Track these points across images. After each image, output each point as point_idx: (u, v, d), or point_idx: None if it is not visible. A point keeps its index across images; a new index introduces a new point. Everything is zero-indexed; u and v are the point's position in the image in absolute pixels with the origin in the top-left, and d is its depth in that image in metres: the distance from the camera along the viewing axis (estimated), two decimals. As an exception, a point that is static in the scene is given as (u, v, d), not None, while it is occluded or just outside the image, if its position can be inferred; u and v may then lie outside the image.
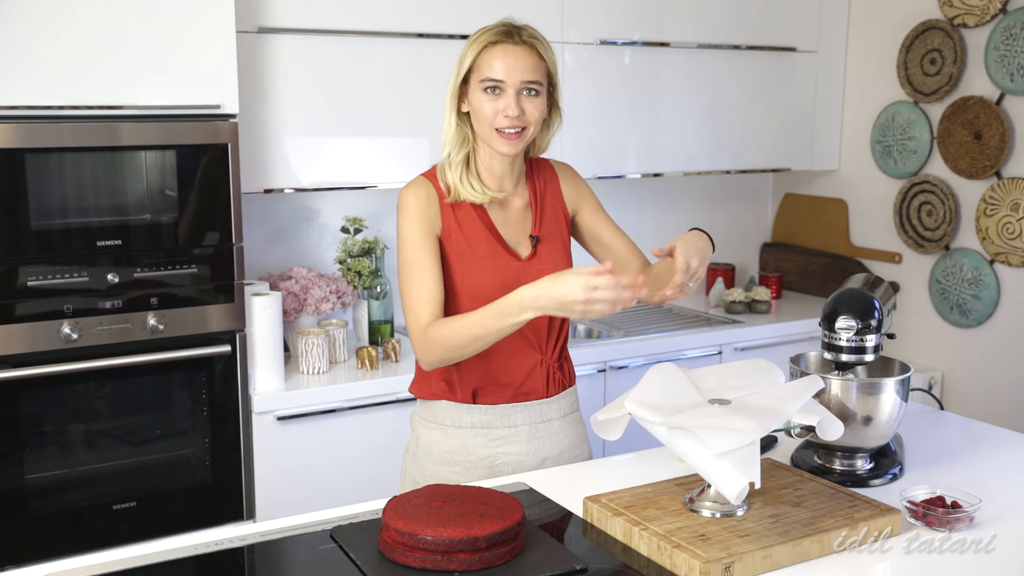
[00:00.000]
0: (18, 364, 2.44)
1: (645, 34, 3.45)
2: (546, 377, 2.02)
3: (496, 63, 1.88)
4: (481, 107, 1.90)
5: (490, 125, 1.90)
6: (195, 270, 2.61)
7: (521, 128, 1.90)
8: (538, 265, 1.98)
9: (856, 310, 1.87)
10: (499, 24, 1.93)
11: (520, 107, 1.88)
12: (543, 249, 2.01)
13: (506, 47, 1.88)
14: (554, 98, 1.99)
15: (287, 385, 2.82)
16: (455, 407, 2.00)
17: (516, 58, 1.87)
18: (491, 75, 1.88)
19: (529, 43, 1.90)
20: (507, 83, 1.87)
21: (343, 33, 2.94)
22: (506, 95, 1.88)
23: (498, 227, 2.00)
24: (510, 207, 2.02)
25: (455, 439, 2.01)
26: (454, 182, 1.95)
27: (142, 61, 2.50)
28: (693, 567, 1.46)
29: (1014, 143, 3.33)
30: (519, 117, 1.89)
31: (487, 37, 1.90)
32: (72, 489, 2.58)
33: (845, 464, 1.89)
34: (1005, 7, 3.30)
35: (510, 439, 2.01)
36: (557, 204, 2.07)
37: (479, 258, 1.96)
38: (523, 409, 2.01)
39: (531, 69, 1.89)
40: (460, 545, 1.45)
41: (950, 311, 3.57)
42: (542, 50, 1.91)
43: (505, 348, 1.96)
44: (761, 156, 3.80)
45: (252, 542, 1.60)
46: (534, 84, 1.89)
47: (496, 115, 1.89)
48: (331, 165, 2.98)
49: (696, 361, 3.39)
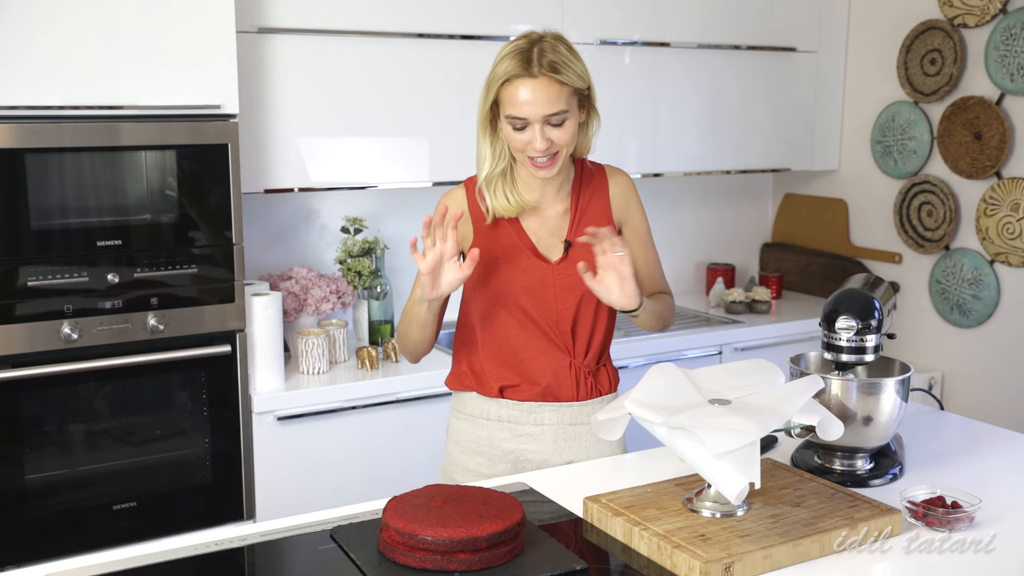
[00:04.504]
0: (18, 364, 2.44)
1: (645, 34, 3.45)
2: (575, 380, 2.04)
3: (517, 100, 1.86)
4: (511, 138, 1.91)
5: (521, 153, 1.92)
6: (195, 270, 2.61)
7: (553, 154, 1.91)
8: (569, 269, 2.00)
9: (856, 310, 1.87)
10: (521, 45, 1.88)
11: (547, 138, 1.88)
12: (577, 254, 2.01)
13: (525, 82, 1.85)
14: (590, 101, 1.97)
15: (287, 385, 2.82)
16: (484, 400, 2.06)
17: (535, 93, 1.85)
18: (513, 112, 1.87)
19: (547, 74, 1.85)
20: (530, 119, 1.87)
21: (343, 33, 2.94)
22: (531, 129, 1.88)
23: (530, 234, 2.02)
24: (546, 213, 2.03)
25: (481, 430, 2.06)
26: (490, 200, 1.98)
27: (142, 61, 2.50)
28: (693, 567, 1.46)
29: (1014, 143, 3.33)
30: (548, 148, 1.89)
31: (506, 68, 1.87)
32: (72, 489, 2.58)
33: (845, 464, 1.89)
34: (1005, 7, 3.30)
35: (536, 436, 2.04)
36: (602, 212, 2.06)
37: (506, 261, 2.00)
38: (551, 409, 2.04)
39: (552, 101, 1.86)
40: (460, 545, 1.45)
41: (950, 311, 3.57)
42: (563, 75, 1.86)
43: (532, 347, 2.02)
44: (761, 156, 3.80)
45: (252, 542, 1.60)
46: (557, 115, 1.87)
47: (526, 146, 1.90)
48: (331, 165, 2.98)
49: (696, 361, 3.39)
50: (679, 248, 4.07)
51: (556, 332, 2.02)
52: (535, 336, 2.02)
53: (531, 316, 2.01)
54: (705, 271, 4.09)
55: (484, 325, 2.05)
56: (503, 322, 2.03)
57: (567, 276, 2.00)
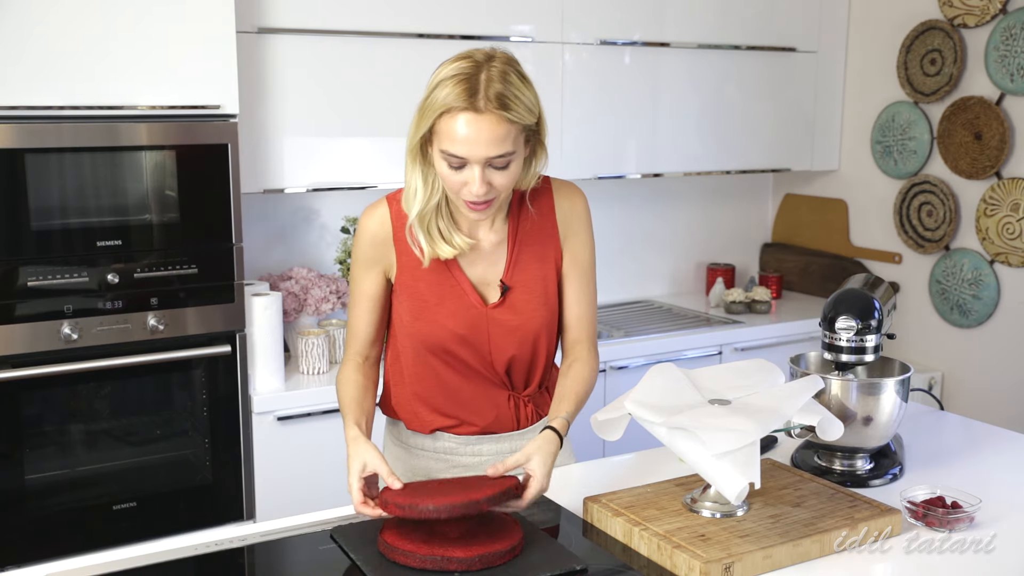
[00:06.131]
0: (18, 364, 2.44)
1: (645, 34, 3.45)
2: (515, 412, 1.89)
3: (457, 136, 1.60)
4: (445, 176, 1.66)
5: (456, 194, 1.68)
6: (195, 270, 2.61)
7: (490, 200, 1.67)
8: (506, 314, 1.81)
9: (856, 310, 1.87)
10: (464, 68, 1.62)
11: (486, 182, 1.64)
12: (515, 297, 1.82)
13: (468, 118, 1.59)
14: (539, 137, 1.72)
15: (287, 385, 2.82)
16: (418, 434, 1.92)
17: (479, 132, 1.59)
18: (451, 150, 1.61)
19: (494, 112, 1.59)
20: (470, 160, 1.62)
21: (343, 33, 2.94)
22: (470, 169, 1.63)
23: (465, 268, 1.81)
24: (480, 247, 1.81)
25: (417, 460, 1.93)
26: (425, 242, 1.75)
27: (142, 61, 2.50)
28: (693, 567, 1.46)
29: (1014, 143, 3.33)
30: (486, 192, 1.65)
31: (447, 96, 1.60)
32: (72, 489, 2.57)
33: (845, 464, 1.89)
34: (1005, 7, 3.30)
35: (474, 467, 1.91)
36: (546, 241, 1.84)
37: (435, 302, 1.80)
38: (491, 440, 1.90)
39: (497, 142, 1.60)
40: (461, 509, 1.47)
41: (950, 311, 3.57)
42: (512, 112, 1.61)
43: (468, 388, 1.86)
44: (761, 156, 3.80)
45: (252, 542, 1.60)
46: (502, 157, 1.62)
47: (461, 187, 1.66)
48: (331, 165, 2.98)
49: (696, 361, 3.39)
50: (679, 248, 4.07)
51: (492, 373, 1.85)
52: (470, 377, 1.84)
53: (464, 361, 1.83)
54: (705, 271, 4.09)
55: (415, 363, 1.86)
56: (434, 366, 1.85)
57: (504, 321, 1.81)
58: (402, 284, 1.83)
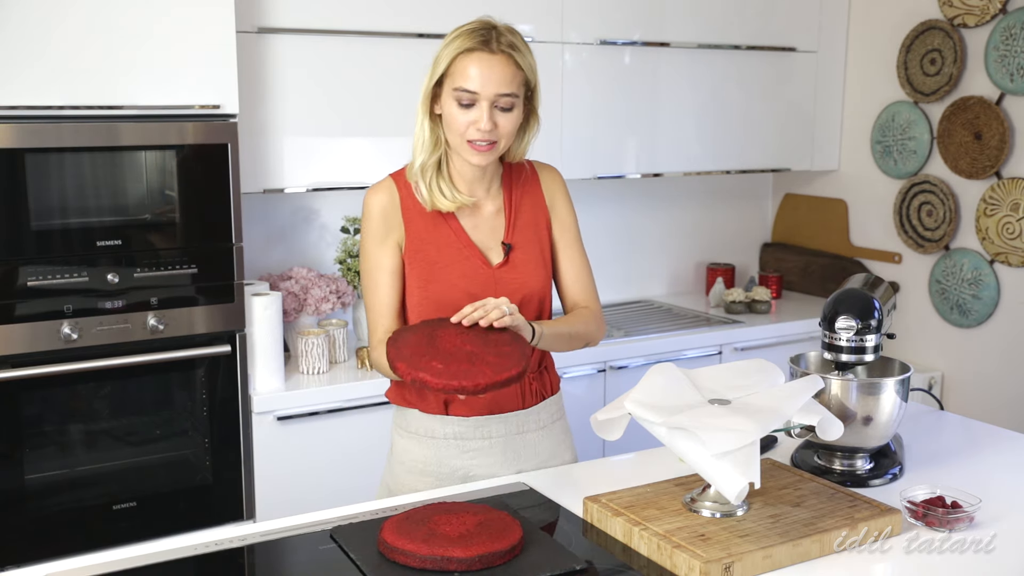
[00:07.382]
0: (18, 364, 2.44)
1: (645, 34, 3.45)
2: (520, 386, 1.96)
3: (470, 72, 1.81)
4: (453, 116, 1.84)
5: (461, 136, 1.85)
6: (195, 270, 2.61)
7: (493, 141, 1.85)
8: (510, 273, 1.94)
9: (856, 310, 1.87)
10: (477, 25, 1.85)
11: (493, 120, 1.82)
12: (517, 257, 1.95)
13: (482, 56, 1.81)
14: (532, 104, 1.92)
15: (287, 385, 2.82)
16: (427, 417, 1.96)
17: (491, 69, 1.81)
18: (465, 85, 1.81)
19: (506, 52, 1.82)
20: (481, 95, 1.81)
21: (343, 33, 2.94)
22: (479, 107, 1.82)
23: (469, 232, 1.94)
24: (481, 212, 1.96)
25: (427, 449, 1.96)
26: (426, 191, 1.90)
27: (142, 61, 2.50)
28: (693, 567, 1.46)
29: (1014, 143, 3.33)
30: (491, 131, 1.83)
31: (463, 42, 1.83)
32: (72, 489, 2.57)
33: (845, 464, 1.89)
34: (1005, 7, 3.30)
35: (484, 451, 1.95)
36: (537, 209, 2.01)
37: (445, 264, 1.91)
38: (498, 421, 1.95)
39: (507, 81, 1.82)
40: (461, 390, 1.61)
41: (950, 311, 3.57)
42: (520, 58, 1.84)
43: None
44: (761, 156, 3.80)
45: (252, 542, 1.60)
46: (509, 96, 1.82)
47: (468, 127, 1.83)
48: (331, 165, 2.98)
49: (696, 361, 3.39)
50: (679, 248, 4.07)
51: None
52: None
53: None
54: (705, 271, 4.09)
55: None
56: None
57: (509, 280, 1.92)
58: (412, 251, 1.92)
